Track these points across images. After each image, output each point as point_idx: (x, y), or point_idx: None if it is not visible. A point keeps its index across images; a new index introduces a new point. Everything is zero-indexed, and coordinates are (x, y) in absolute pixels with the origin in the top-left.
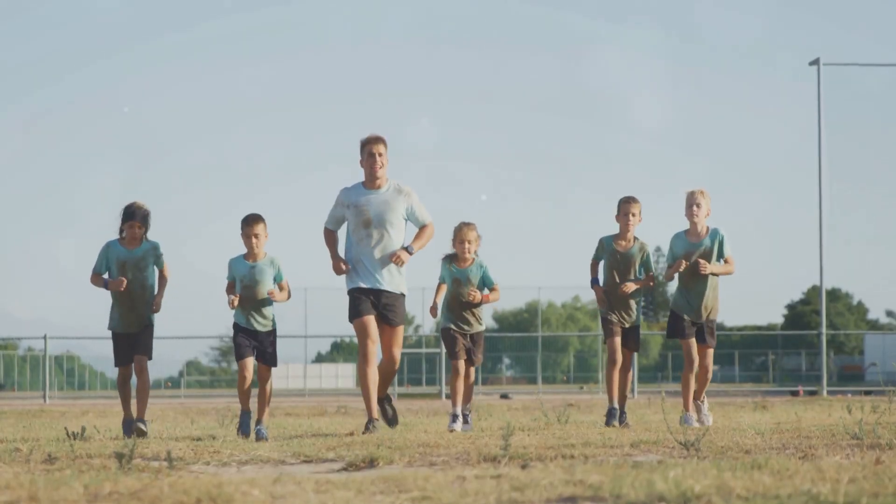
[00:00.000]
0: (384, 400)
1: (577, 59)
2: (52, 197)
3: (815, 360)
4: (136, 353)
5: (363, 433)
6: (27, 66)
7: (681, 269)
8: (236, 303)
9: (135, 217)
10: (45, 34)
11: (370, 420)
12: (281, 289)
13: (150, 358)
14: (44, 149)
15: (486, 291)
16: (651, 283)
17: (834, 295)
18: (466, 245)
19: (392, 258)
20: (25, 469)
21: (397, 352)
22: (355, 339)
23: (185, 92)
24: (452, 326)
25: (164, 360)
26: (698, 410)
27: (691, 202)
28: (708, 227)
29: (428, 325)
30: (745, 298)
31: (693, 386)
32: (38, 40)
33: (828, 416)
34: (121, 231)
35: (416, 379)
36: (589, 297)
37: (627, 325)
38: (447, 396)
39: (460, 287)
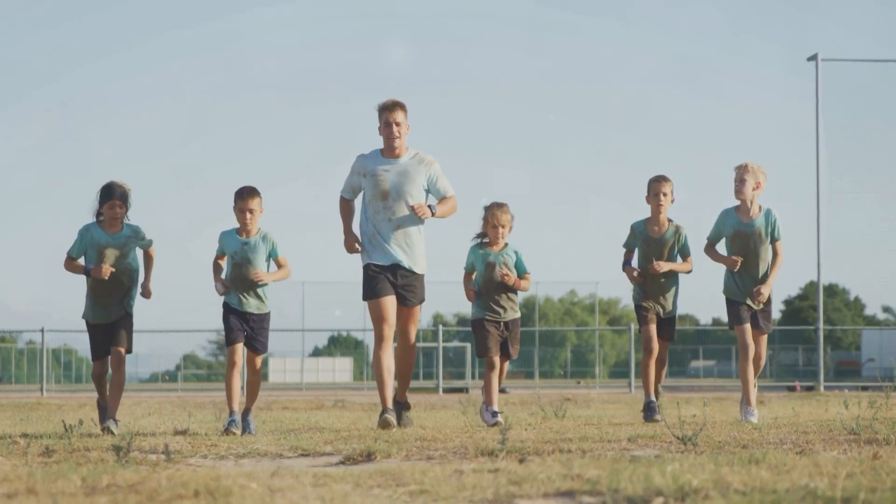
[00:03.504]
0: (402, 406)
1: (574, 56)
2: (51, 190)
3: (812, 356)
4: (113, 344)
5: (378, 426)
6: (28, 63)
7: (736, 268)
8: (224, 291)
9: (114, 195)
10: (46, 32)
11: (384, 410)
12: (279, 265)
13: (129, 351)
14: (44, 144)
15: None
16: (689, 269)
17: (831, 290)
18: (500, 229)
19: (416, 207)
20: (23, 462)
21: (413, 330)
22: (353, 333)
23: (188, 90)
24: (487, 315)
25: (162, 353)
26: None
27: (736, 178)
28: (760, 207)
29: (425, 318)
30: None
31: (752, 377)
32: (40, 37)
33: (825, 411)
34: (98, 214)
35: (413, 373)
36: (586, 291)
37: (663, 315)
38: (444, 391)
39: (494, 271)
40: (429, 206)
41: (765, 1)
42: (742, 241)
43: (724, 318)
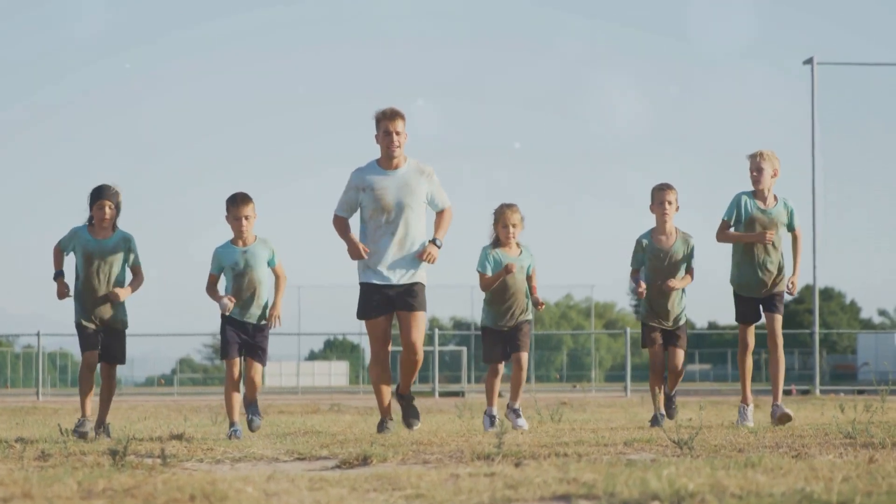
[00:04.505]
0: (406, 398)
1: (571, 57)
2: (48, 193)
3: (807, 359)
4: (105, 360)
5: (377, 433)
6: (26, 65)
7: (769, 241)
8: (231, 307)
9: (103, 195)
10: (46, 33)
11: (383, 420)
12: (277, 275)
13: (122, 363)
14: (41, 147)
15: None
16: (692, 279)
17: (827, 294)
18: (511, 229)
19: (423, 257)
20: (19, 466)
21: (419, 339)
22: (349, 337)
23: (186, 91)
24: (496, 324)
25: (157, 357)
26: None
27: (752, 167)
28: (776, 196)
29: None
30: None
31: (750, 371)
32: (38, 39)
33: (821, 414)
34: (90, 219)
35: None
36: (581, 295)
37: (671, 328)
38: (441, 394)
39: (511, 275)
40: (433, 242)
41: (760, 4)
42: (757, 228)
43: (720, 321)
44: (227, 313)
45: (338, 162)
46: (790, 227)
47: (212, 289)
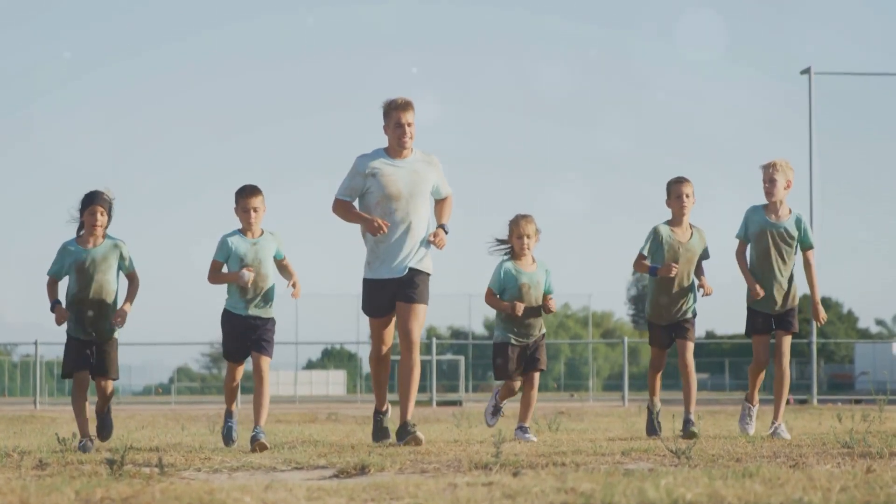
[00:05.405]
0: (409, 427)
1: (571, 64)
2: (46, 202)
3: (805, 369)
4: (99, 374)
5: (374, 441)
6: (24, 73)
7: (759, 297)
8: (252, 277)
9: (95, 201)
10: (48, 39)
11: (378, 414)
12: (284, 268)
13: (116, 378)
14: (40, 155)
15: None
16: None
17: (824, 303)
18: (525, 240)
19: (434, 239)
20: (17, 475)
21: (417, 330)
22: (346, 346)
23: (184, 98)
24: (513, 340)
25: (155, 366)
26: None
27: (765, 178)
28: (790, 210)
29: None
30: (736, 307)
31: (760, 381)
32: (39, 45)
33: (818, 424)
34: (79, 229)
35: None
36: (579, 304)
37: (678, 319)
38: (438, 404)
39: (528, 292)
40: (441, 228)
41: (758, 13)
42: (768, 241)
43: (718, 331)
44: (249, 281)
45: (333, 170)
46: (805, 245)
47: (217, 273)
